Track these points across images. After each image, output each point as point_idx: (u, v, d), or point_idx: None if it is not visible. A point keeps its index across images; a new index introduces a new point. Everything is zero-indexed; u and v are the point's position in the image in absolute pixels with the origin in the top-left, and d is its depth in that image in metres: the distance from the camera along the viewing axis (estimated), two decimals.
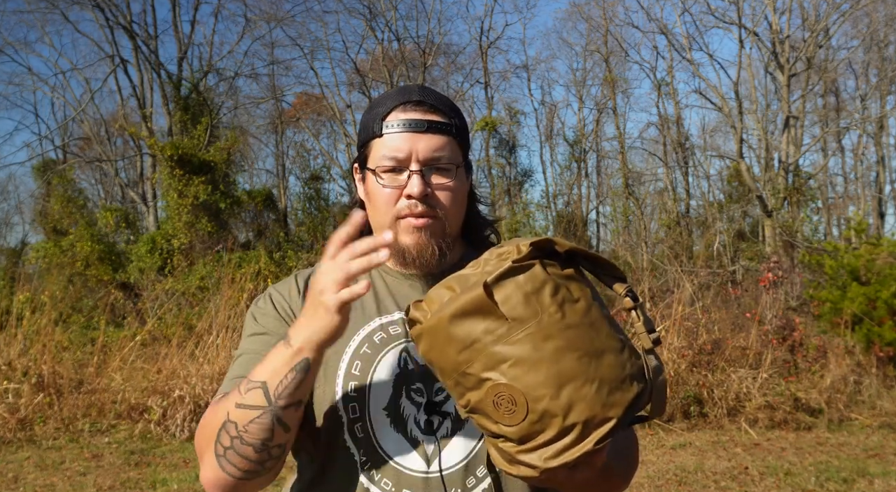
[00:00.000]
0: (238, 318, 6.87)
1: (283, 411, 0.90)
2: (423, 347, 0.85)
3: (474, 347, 0.80)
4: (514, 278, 0.81)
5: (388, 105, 1.07)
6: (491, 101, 23.88)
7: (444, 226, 1.06)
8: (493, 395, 0.80)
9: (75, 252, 15.04)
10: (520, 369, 0.79)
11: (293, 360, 0.89)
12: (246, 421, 0.90)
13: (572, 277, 0.84)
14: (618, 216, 21.66)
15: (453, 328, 0.81)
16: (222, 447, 0.91)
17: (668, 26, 20.49)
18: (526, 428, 0.80)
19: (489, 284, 0.80)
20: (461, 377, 0.82)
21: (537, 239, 0.83)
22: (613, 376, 0.80)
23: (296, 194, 24.57)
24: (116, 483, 4.72)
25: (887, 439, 5.77)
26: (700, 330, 6.93)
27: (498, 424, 0.81)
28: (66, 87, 31.51)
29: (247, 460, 0.91)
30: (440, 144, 1.05)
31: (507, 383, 0.79)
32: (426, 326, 0.83)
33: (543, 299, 0.80)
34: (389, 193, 1.05)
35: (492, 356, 0.80)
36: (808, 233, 17.05)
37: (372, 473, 1.01)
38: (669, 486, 4.65)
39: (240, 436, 0.90)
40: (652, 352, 0.85)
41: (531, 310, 0.80)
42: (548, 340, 0.79)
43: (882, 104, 21.30)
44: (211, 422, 0.94)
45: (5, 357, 6.48)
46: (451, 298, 0.82)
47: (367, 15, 22.06)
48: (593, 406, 0.79)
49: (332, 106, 22.93)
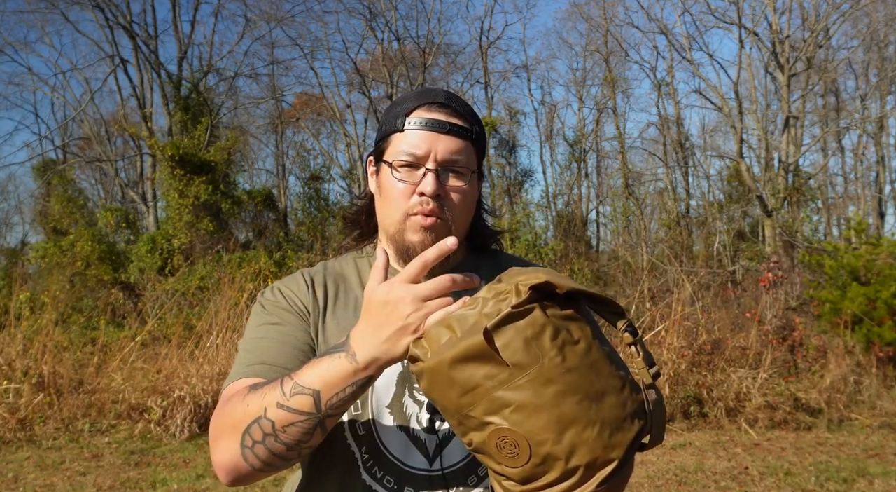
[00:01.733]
0: (238, 318, 6.87)
1: (330, 420, 0.89)
2: (423, 385, 0.84)
3: (476, 391, 0.80)
4: (514, 324, 0.80)
5: (412, 103, 1.08)
6: (491, 101, 23.91)
7: (450, 229, 1.07)
8: (496, 438, 0.81)
9: (75, 252, 15.03)
10: (522, 414, 0.79)
11: (356, 376, 0.86)
12: (286, 423, 0.87)
13: (572, 317, 0.83)
14: (618, 216, 21.66)
15: (454, 373, 0.81)
16: (251, 440, 0.89)
17: (668, 26, 20.53)
18: (529, 471, 0.81)
19: (489, 330, 0.79)
20: (464, 418, 0.83)
21: (536, 282, 0.82)
22: (614, 417, 0.81)
23: (296, 194, 24.61)
24: (116, 483, 4.72)
25: (887, 439, 5.77)
26: (700, 330, 6.93)
27: (501, 465, 0.82)
28: (66, 87, 31.61)
29: (276, 456, 0.89)
30: (459, 147, 1.06)
31: (510, 427, 0.80)
32: (426, 366, 0.83)
33: (544, 344, 0.80)
34: (403, 188, 1.06)
35: (494, 401, 0.80)
36: (808, 233, 17.06)
37: (375, 470, 1.01)
38: (669, 486, 4.65)
39: (275, 434, 0.88)
40: (652, 386, 0.86)
41: (532, 355, 0.79)
42: (549, 385, 0.79)
43: (882, 104, 21.31)
44: (240, 411, 0.91)
45: (5, 357, 6.48)
46: (451, 342, 0.82)
47: (367, 15, 22.09)
48: (595, 449, 0.79)
49: (332, 106, 22.94)
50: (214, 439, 0.94)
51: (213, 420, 0.95)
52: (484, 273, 1.16)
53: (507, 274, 0.88)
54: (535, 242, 12.84)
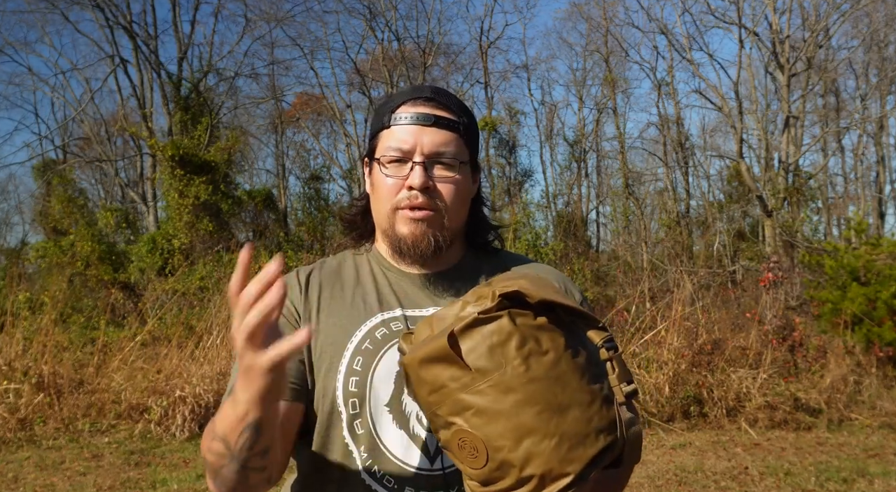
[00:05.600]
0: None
1: (250, 460, 0.88)
2: (405, 380, 0.88)
3: (442, 391, 0.82)
4: (480, 329, 0.81)
5: (399, 99, 1.09)
6: (491, 101, 23.91)
7: (442, 219, 1.06)
8: (458, 438, 0.82)
9: (75, 252, 15.03)
10: (481, 418, 0.80)
11: (243, 421, 0.85)
12: (218, 466, 0.90)
13: (544, 327, 0.83)
14: (618, 216, 21.68)
15: (422, 372, 0.83)
16: (213, 471, 0.92)
17: (668, 26, 20.52)
18: (486, 474, 0.82)
19: (455, 333, 0.81)
20: (433, 416, 0.85)
21: (506, 290, 0.83)
22: (576, 432, 0.80)
23: (296, 194, 24.63)
24: (116, 483, 4.72)
25: (887, 439, 5.77)
26: (700, 330, 6.93)
27: (464, 464, 0.84)
28: (66, 87, 31.62)
29: (237, 482, 0.91)
30: (446, 139, 1.07)
31: (469, 430, 0.81)
32: (404, 361, 0.86)
33: (508, 352, 0.80)
34: (392, 184, 1.06)
35: (457, 403, 0.81)
36: (808, 233, 17.07)
37: (374, 470, 1.01)
38: (669, 486, 4.65)
39: (219, 472, 0.90)
40: (625, 404, 0.85)
41: (494, 362, 0.80)
42: (509, 393, 0.80)
43: (882, 104, 21.32)
44: (206, 446, 0.93)
45: (5, 357, 6.47)
46: (426, 340, 0.84)
47: (367, 15, 22.10)
48: (550, 461, 0.79)
49: (332, 106, 22.94)
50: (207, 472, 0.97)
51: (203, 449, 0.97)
52: (486, 272, 1.16)
53: (496, 278, 0.90)
54: (535, 242, 12.84)
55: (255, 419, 0.84)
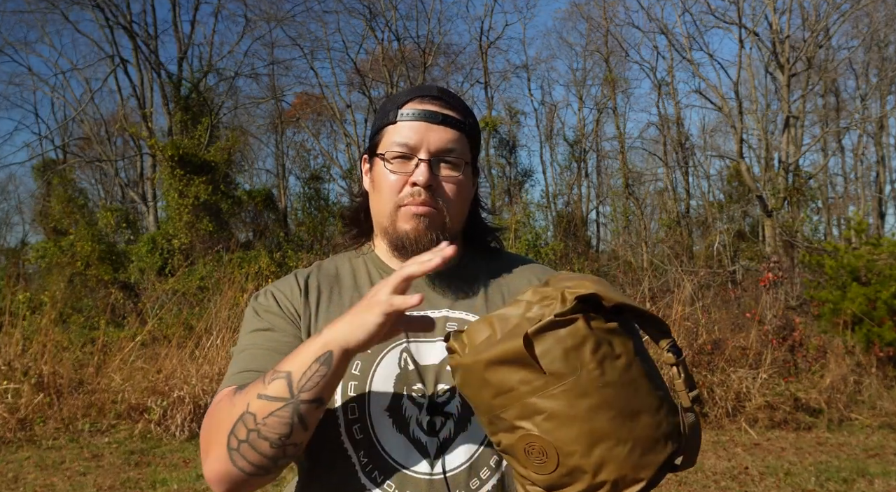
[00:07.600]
0: (238, 318, 6.86)
1: (305, 406, 0.87)
2: (458, 381, 0.84)
3: (510, 394, 0.80)
4: (555, 332, 0.79)
5: (405, 97, 1.09)
6: (491, 101, 23.90)
7: (444, 218, 1.06)
8: (525, 443, 0.80)
9: (75, 252, 15.01)
10: (553, 423, 0.79)
11: (319, 351, 0.87)
12: (266, 413, 0.87)
13: (615, 331, 0.82)
14: (618, 216, 21.67)
15: (489, 374, 0.80)
16: (237, 440, 0.88)
17: (668, 26, 20.50)
18: (555, 479, 0.80)
19: (530, 335, 0.79)
20: (495, 419, 0.82)
21: (584, 292, 0.81)
22: (647, 437, 0.80)
23: (296, 194, 24.59)
24: (116, 483, 4.72)
25: (887, 439, 5.77)
26: (700, 330, 6.92)
27: (527, 469, 0.82)
28: (66, 87, 31.63)
29: (261, 455, 0.88)
30: (452, 137, 1.06)
31: (540, 435, 0.79)
32: (462, 362, 0.82)
33: (583, 356, 0.79)
34: (395, 180, 1.05)
35: (527, 406, 0.79)
36: (808, 233, 17.06)
37: (374, 475, 0.99)
38: (669, 486, 4.64)
39: (257, 429, 0.87)
40: (690, 409, 0.84)
41: (570, 366, 0.78)
42: (583, 398, 0.78)
43: (882, 104, 21.31)
44: (225, 413, 0.91)
45: (5, 357, 6.47)
46: (490, 341, 0.81)
47: (367, 15, 22.08)
48: (624, 467, 0.79)
49: (332, 106, 22.93)
50: (204, 451, 0.93)
51: (203, 431, 0.95)
52: (487, 274, 1.15)
53: (554, 278, 0.87)
54: (535, 242, 12.83)
55: (329, 353, 0.87)
